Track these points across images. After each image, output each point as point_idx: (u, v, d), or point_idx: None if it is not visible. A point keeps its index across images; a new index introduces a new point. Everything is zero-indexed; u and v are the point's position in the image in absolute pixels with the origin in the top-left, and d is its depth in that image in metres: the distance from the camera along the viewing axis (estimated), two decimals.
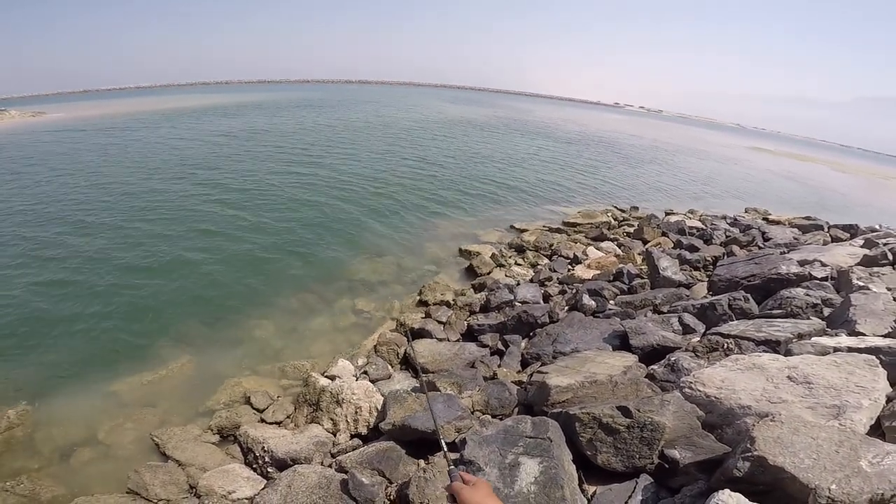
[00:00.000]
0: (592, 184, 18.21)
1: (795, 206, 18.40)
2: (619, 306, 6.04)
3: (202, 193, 12.47)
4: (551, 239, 10.36)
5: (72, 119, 34.75)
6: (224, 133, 24.34)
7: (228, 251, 8.80)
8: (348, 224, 10.66)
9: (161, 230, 9.72)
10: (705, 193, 19.77)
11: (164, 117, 33.24)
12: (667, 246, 9.70)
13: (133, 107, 45.77)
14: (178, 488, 3.67)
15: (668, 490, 2.39)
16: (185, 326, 6.35)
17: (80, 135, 24.57)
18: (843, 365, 2.79)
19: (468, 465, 2.59)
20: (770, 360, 3.04)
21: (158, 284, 7.44)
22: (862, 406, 2.41)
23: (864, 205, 23.31)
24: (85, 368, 5.37)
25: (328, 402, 4.42)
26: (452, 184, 15.26)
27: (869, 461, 1.86)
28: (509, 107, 73.19)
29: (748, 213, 15.45)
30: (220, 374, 5.37)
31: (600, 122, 61.79)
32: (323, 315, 6.86)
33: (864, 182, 37.51)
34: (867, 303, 4.10)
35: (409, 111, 45.61)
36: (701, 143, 50.06)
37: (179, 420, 4.66)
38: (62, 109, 45.80)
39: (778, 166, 37.86)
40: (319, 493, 2.94)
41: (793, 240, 9.87)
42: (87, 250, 8.59)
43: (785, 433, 2.01)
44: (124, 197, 12.11)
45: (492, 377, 4.72)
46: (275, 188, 13.29)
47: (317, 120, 32.43)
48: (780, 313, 4.48)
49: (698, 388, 2.92)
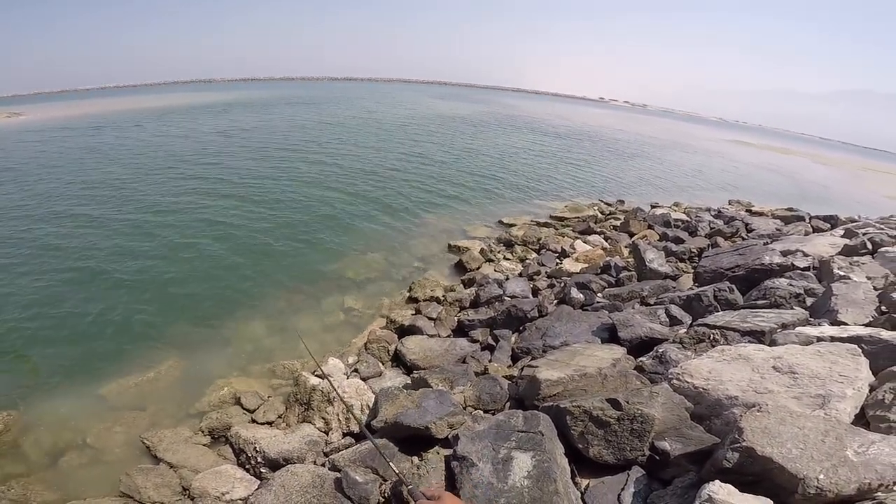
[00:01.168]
0: (579, 178, 18.31)
1: (777, 198, 18.70)
2: (607, 299, 6.10)
3: (185, 194, 12.27)
4: (539, 233, 10.41)
5: (49, 119, 33.97)
6: (208, 132, 23.98)
7: (214, 251, 8.69)
8: (336, 221, 10.59)
9: (145, 231, 9.57)
10: (690, 186, 20.00)
11: (147, 116, 32.61)
12: (653, 238, 9.80)
13: (114, 106, 44.76)
14: (171, 490, 3.64)
15: (659, 482, 2.42)
16: (173, 327, 6.28)
17: (56, 135, 24.01)
18: (827, 354, 2.84)
19: (461, 461, 2.60)
20: (755, 351, 3.09)
21: (144, 285, 7.33)
22: (846, 395, 2.46)
23: (844, 196, 23.77)
24: (71, 372, 5.28)
25: (319, 400, 4.40)
26: (440, 180, 15.23)
27: (855, 450, 1.90)
28: (496, 102, 73.12)
29: (732, 205, 15.66)
30: (209, 375, 5.33)
31: (586, 117, 62.04)
32: (312, 314, 6.82)
33: (843, 174, 38.21)
34: (848, 292, 4.18)
35: (396, 108, 45.32)
36: (684, 137, 50.55)
37: (170, 422, 4.62)
38: (40, 110, 44.62)
39: (760, 159, 38.42)
40: (313, 493, 2.93)
41: (775, 231, 10.03)
42: (69, 253, 8.42)
43: (772, 423, 2.04)
44: (105, 199, 11.87)
45: (483, 372, 4.74)
46: (260, 187, 13.13)
47: (302, 117, 32.08)
48: (765, 304, 4.56)
49: (686, 379, 2.96)
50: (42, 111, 43.33)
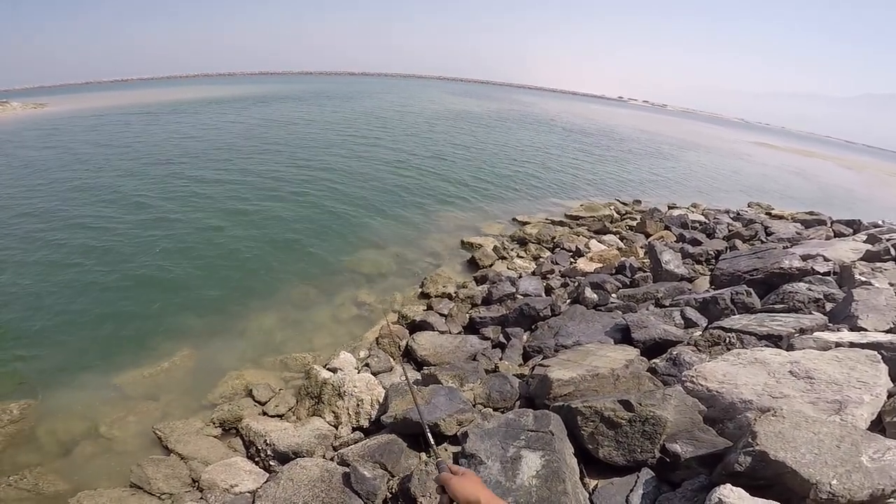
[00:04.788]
0: (595, 177, 18.15)
1: (799, 202, 18.32)
2: (621, 299, 6.04)
3: (196, 189, 12.44)
4: (553, 232, 10.35)
5: (74, 111, 34.71)
6: (219, 126, 24.26)
7: (229, 244, 8.81)
8: (350, 217, 10.66)
9: (162, 223, 9.74)
10: (708, 187, 19.70)
11: (169, 109, 33.17)
12: (669, 239, 9.67)
13: (137, 98, 45.74)
14: (180, 482, 3.69)
15: (669, 484, 2.39)
16: (187, 319, 6.37)
17: (77, 127, 24.49)
18: (845, 360, 2.78)
19: (470, 459, 2.60)
20: (772, 355, 3.03)
21: (159, 277, 7.46)
22: (863, 401, 2.41)
23: (868, 201, 23.19)
24: (87, 362, 5.39)
25: (330, 394, 4.43)
26: (455, 176, 15.23)
27: (870, 457, 1.85)
28: (514, 100, 72.81)
29: (751, 208, 15.38)
30: (221, 366, 5.40)
31: (604, 116, 61.49)
32: (324, 307, 6.88)
33: (868, 178, 37.25)
34: (869, 298, 4.09)
35: (412, 104, 45.42)
36: (705, 138, 49.81)
37: (181, 413, 4.68)
38: (65, 101, 45.71)
39: (782, 162, 37.68)
40: (321, 487, 2.95)
41: (795, 234, 9.83)
42: (86, 244, 8.60)
43: (786, 428, 2.00)
44: (122, 190, 12.09)
45: (493, 370, 4.73)
46: (276, 181, 13.27)
47: (319, 112, 32.33)
48: (783, 308, 4.47)
49: (700, 382, 2.92)
50: (67, 102, 44.47)
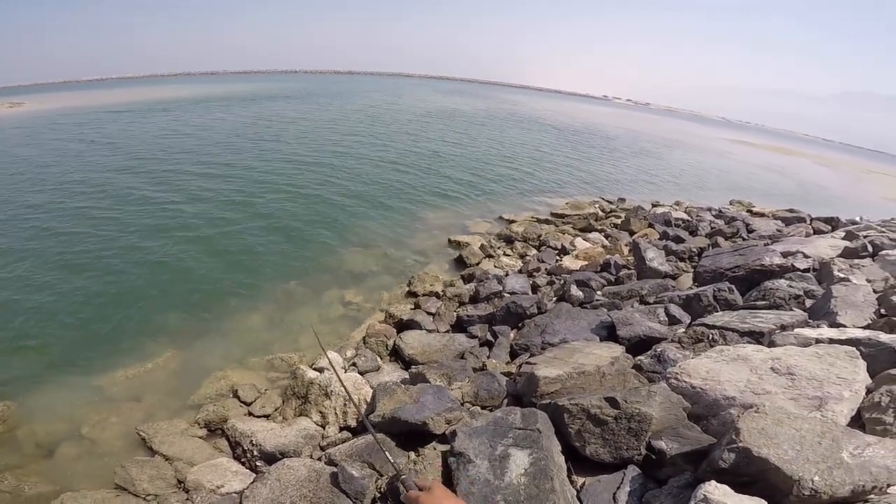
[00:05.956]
0: (580, 175, 18.28)
1: (779, 199, 18.67)
2: (606, 297, 6.09)
3: (183, 185, 12.25)
4: (539, 230, 10.40)
5: (53, 109, 33.86)
6: (207, 125, 23.93)
7: (212, 242, 8.68)
8: (336, 215, 10.57)
9: (143, 221, 9.56)
10: (691, 185, 19.97)
11: (147, 108, 32.52)
12: (653, 237, 9.79)
13: (117, 98, 44.39)
14: (165, 483, 3.63)
15: (655, 481, 2.42)
16: (170, 319, 6.27)
17: (59, 126, 23.95)
18: (825, 356, 2.84)
19: (458, 458, 2.60)
20: (754, 352, 3.08)
21: (141, 276, 7.32)
22: (843, 397, 2.46)
23: (846, 198, 23.73)
24: (68, 363, 5.27)
25: (317, 394, 4.39)
26: (441, 174, 15.21)
27: (850, 452, 1.90)
28: (501, 98, 72.88)
29: (733, 205, 15.64)
30: (206, 367, 5.32)
31: (589, 115, 61.87)
32: (310, 306, 6.82)
33: (846, 175, 38.12)
34: (848, 294, 4.18)
35: (401, 102, 45.20)
36: (687, 136, 50.43)
37: (165, 414, 4.60)
38: (44, 100, 44.39)
39: (761, 159, 38.34)
40: (309, 487, 2.93)
41: (776, 231, 10.02)
42: (66, 241, 8.41)
43: (769, 424, 2.04)
44: (105, 189, 11.86)
45: (481, 368, 4.74)
46: (261, 179, 13.11)
47: (305, 110, 32.02)
48: (764, 304, 4.55)
49: (684, 378, 2.96)
50: (44, 101, 43.13)
